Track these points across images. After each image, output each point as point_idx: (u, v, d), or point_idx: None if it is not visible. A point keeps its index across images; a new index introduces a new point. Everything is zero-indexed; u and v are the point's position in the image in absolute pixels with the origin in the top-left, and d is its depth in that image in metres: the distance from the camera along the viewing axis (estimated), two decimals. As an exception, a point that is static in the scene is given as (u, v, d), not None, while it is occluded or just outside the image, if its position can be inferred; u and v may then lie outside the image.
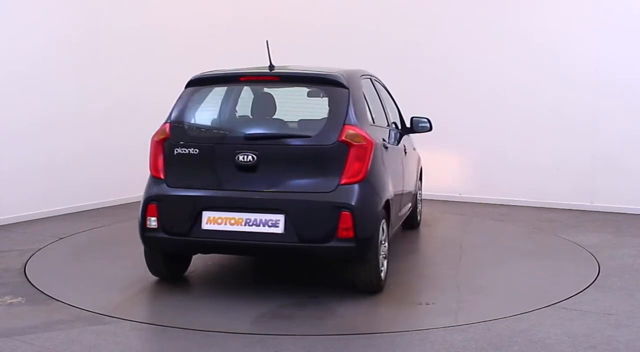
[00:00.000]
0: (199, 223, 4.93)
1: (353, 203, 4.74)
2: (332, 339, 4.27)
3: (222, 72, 5.48)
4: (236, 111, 5.58)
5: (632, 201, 8.33)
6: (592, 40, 8.45)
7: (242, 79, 5.47)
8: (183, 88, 5.42)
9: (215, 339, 4.30)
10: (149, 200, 5.09)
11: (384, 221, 5.10)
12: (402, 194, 6.10)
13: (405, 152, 6.45)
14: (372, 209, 4.88)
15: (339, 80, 5.10)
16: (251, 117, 5.62)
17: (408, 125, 6.60)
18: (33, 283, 5.46)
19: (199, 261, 6.07)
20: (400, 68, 9.23)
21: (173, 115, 5.25)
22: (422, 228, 7.62)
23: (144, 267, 5.87)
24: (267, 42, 5.50)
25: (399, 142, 6.29)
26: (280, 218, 4.79)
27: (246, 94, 5.68)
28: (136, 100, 8.75)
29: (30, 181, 7.85)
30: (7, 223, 7.58)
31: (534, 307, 4.86)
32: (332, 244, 4.75)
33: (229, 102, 5.55)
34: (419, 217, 7.56)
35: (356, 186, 4.80)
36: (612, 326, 4.47)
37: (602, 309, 4.80)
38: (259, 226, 4.82)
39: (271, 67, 5.42)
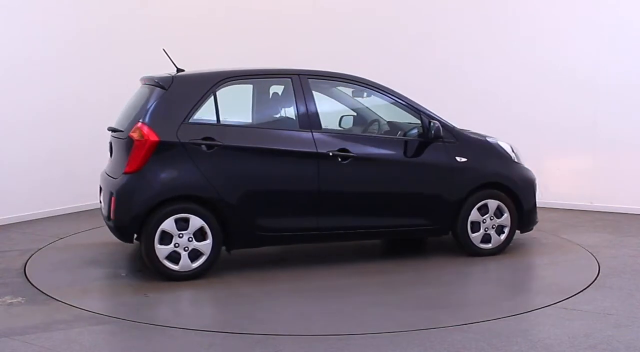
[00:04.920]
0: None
1: (115, 190, 5.53)
2: (332, 339, 4.27)
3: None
4: (127, 108, 6.12)
5: (632, 201, 8.32)
6: (592, 43, 8.43)
7: (142, 82, 6.17)
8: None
9: (215, 339, 4.30)
10: None
11: (195, 217, 5.45)
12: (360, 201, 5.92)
13: (415, 163, 6.05)
14: (136, 199, 5.43)
15: (159, 82, 5.71)
16: (126, 113, 6.08)
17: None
18: (33, 283, 5.46)
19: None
20: (401, 67, 9.24)
21: None
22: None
23: (144, 267, 5.89)
24: (164, 50, 6.08)
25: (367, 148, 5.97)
26: (105, 198, 5.83)
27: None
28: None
29: (30, 180, 7.85)
30: (7, 223, 7.58)
31: (534, 307, 4.87)
32: (110, 223, 5.67)
33: (131, 101, 6.15)
34: (476, 244, 6.20)
35: (127, 176, 5.49)
36: (612, 326, 4.47)
37: (602, 309, 4.80)
38: (102, 202, 6.07)
39: (179, 70, 5.99)
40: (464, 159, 6.17)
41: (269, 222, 5.70)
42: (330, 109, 6.49)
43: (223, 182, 5.54)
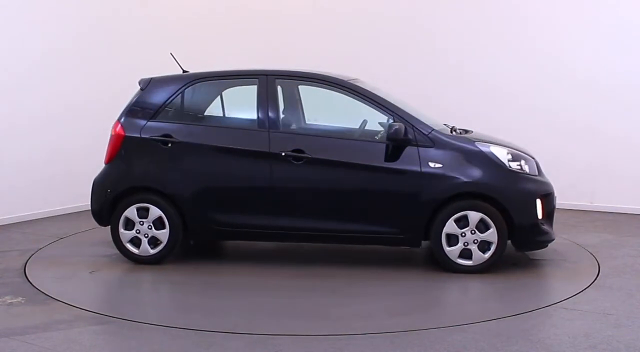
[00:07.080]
0: None
1: (94, 179, 6.19)
2: (332, 339, 4.28)
3: None
4: None
5: (632, 201, 8.32)
6: (592, 42, 8.44)
7: None
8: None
9: (215, 339, 4.30)
10: None
11: (154, 207, 5.94)
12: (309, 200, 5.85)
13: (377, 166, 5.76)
14: (103, 187, 6.11)
15: (139, 83, 6.27)
16: None
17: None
18: (33, 283, 5.47)
19: (201, 260, 6.09)
20: (400, 67, 9.25)
21: None
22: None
23: (143, 267, 5.90)
24: (171, 54, 6.49)
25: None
26: None
27: None
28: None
29: (30, 180, 7.84)
30: (7, 223, 7.58)
31: (534, 307, 4.87)
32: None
33: None
34: (452, 258, 5.69)
35: (103, 167, 6.19)
36: (612, 326, 4.47)
37: (602, 309, 4.81)
38: None
39: (184, 72, 6.42)
40: (438, 165, 5.67)
41: (224, 217, 5.93)
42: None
43: (178, 177, 5.96)
